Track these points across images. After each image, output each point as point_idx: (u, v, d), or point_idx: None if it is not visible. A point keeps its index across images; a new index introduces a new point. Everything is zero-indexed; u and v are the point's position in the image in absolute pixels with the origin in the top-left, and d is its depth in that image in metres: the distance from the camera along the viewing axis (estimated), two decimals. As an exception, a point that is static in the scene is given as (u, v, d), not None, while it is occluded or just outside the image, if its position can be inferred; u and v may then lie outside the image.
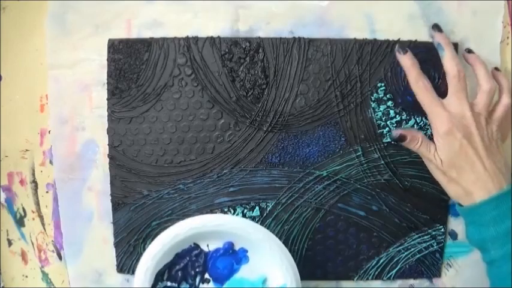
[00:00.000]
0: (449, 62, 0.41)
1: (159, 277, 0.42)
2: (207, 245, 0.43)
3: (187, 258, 0.43)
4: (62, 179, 0.48)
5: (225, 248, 0.42)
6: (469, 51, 0.43)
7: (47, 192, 0.50)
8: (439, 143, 0.40)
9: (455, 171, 0.39)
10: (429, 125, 0.45)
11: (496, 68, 0.43)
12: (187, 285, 0.43)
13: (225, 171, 0.47)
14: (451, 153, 0.39)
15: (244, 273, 0.43)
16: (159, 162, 0.47)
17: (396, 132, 0.42)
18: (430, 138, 0.41)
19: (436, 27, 0.43)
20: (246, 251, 0.43)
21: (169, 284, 0.42)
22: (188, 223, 0.41)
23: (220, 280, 0.43)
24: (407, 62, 0.42)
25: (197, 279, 0.43)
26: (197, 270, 0.43)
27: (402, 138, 0.42)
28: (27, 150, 0.50)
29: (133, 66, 0.46)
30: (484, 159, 0.39)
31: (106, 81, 0.46)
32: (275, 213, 0.47)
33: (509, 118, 0.42)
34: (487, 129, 0.40)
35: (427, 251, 0.47)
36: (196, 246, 0.43)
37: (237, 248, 0.43)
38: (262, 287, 0.42)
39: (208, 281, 0.43)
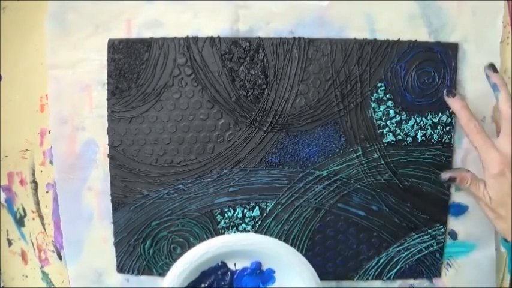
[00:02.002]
0: (504, 103, 0.40)
1: None
2: (234, 264, 0.42)
3: (213, 277, 0.42)
4: (62, 179, 0.48)
5: (253, 268, 0.42)
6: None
7: (47, 192, 0.50)
8: (490, 182, 0.40)
9: (504, 209, 0.39)
10: (429, 125, 0.46)
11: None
12: None
13: (225, 171, 0.47)
14: (501, 192, 0.39)
15: None
16: (159, 162, 0.47)
17: (445, 176, 0.42)
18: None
19: (492, 67, 0.41)
20: (274, 272, 0.42)
21: None
22: (219, 241, 0.41)
23: None
24: (457, 105, 0.41)
25: None
26: None
27: (452, 179, 0.42)
28: (27, 150, 0.50)
29: (133, 66, 0.46)
30: None
31: (106, 81, 0.46)
32: (275, 213, 0.47)
33: None
34: None
35: (427, 251, 0.47)
36: (224, 264, 0.42)
37: (264, 268, 0.42)
38: None
39: None
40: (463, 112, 0.41)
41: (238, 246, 0.41)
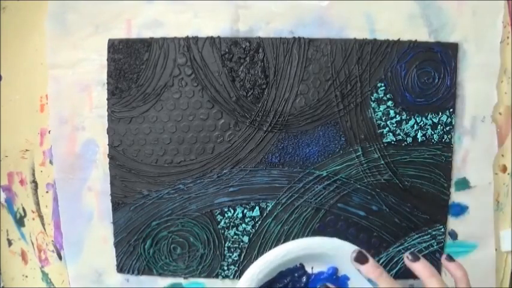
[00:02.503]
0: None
1: None
2: (312, 267, 0.42)
3: (290, 278, 0.42)
4: (62, 179, 0.48)
5: (329, 273, 0.42)
6: (450, 258, 0.38)
7: (47, 192, 0.50)
8: None
9: None
10: (429, 125, 0.46)
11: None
12: None
13: (225, 171, 0.47)
14: None
15: None
16: (159, 162, 0.47)
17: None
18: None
19: (413, 256, 0.37)
20: (348, 279, 0.42)
21: None
22: (303, 243, 0.41)
23: None
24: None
25: None
26: None
27: None
28: (27, 150, 0.50)
29: (133, 66, 0.46)
30: None
31: (106, 81, 0.46)
32: (275, 213, 0.47)
33: None
34: None
35: (427, 251, 0.47)
36: (302, 266, 0.42)
37: (340, 274, 0.42)
38: None
39: None
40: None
41: (321, 249, 0.41)
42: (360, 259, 0.37)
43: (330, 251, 0.41)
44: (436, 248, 0.47)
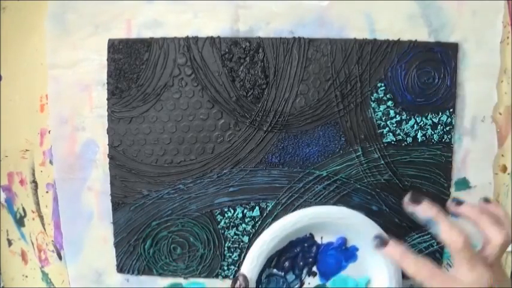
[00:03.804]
0: (447, 233, 0.34)
1: (267, 263, 0.41)
2: (321, 238, 0.42)
3: (299, 248, 0.42)
4: (62, 179, 0.48)
5: (338, 244, 0.42)
6: (458, 202, 0.37)
7: (47, 192, 0.50)
8: None
9: None
10: (429, 124, 0.46)
11: (486, 199, 0.38)
12: (293, 276, 0.42)
13: (225, 171, 0.47)
14: None
15: (350, 272, 0.42)
16: (159, 162, 0.47)
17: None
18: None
19: (412, 199, 0.37)
20: (357, 250, 0.42)
21: (275, 271, 0.42)
22: (312, 211, 0.41)
23: (327, 275, 0.42)
24: (395, 252, 0.35)
25: (304, 271, 0.42)
26: (307, 261, 0.42)
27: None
28: (27, 150, 0.50)
29: (133, 66, 0.46)
30: None
31: (106, 81, 0.46)
32: (275, 213, 0.47)
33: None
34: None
35: (427, 251, 0.47)
36: (311, 236, 0.42)
37: (349, 245, 0.42)
38: None
39: (315, 275, 0.42)
40: (406, 258, 0.34)
41: (330, 218, 0.41)
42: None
43: (338, 220, 0.41)
44: (436, 248, 0.47)
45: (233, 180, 0.47)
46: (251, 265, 0.40)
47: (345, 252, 0.43)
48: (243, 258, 0.40)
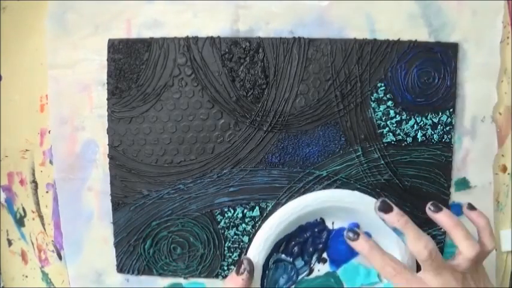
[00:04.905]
0: (412, 244, 0.36)
1: (275, 248, 0.39)
2: (332, 223, 0.40)
3: (309, 233, 0.40)
4: (62, 179, 0.48)
5: (351, 229, 0.39)
6: (471, 207, 0.39)
7: (47, 192, 0.50)
8: None
9: None
10: (429, 124, 0.46)
11: (471, 206, 0.39)
12: (303, 262, 0.40)
13: (225, 171, 0.47)
14: None
15: (361, 259, 0.40)
16: (159, 162, 0.47)
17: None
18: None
19: (381, 208, 0.37)
20: (370, 236, 0.40)
21: (283, 256, 0.40)
22: (323, 194, 0.39)
23: (337, 262, 0.40)
24: (364, 246, 0.36)
25: (314, 258, 0.40)
26: (317, 247, 0.40)
27: None
28: (27, 150, 0.50)
29: (133, 66, 0.46)
30: None
31: (106, 81, 0.46)
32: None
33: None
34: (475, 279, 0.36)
35: (427, 251, 0.47)
36: (322, 221, 0.40)
37: (361, 231, 0.40)
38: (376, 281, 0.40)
39: (324, 261, 0.40)
40: (373, 253, 0.35)
41: (341, 202, 0.39)
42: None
43: (350, 205, 0.39)
44: (436, 248, 0.47)
45: (233, 180, 0.47)
46: (257, 249, 0.38)
47: None
48: (250, 243, 0.39)
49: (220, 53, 0.46)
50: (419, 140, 0.46)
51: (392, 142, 0.46)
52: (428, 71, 0.45)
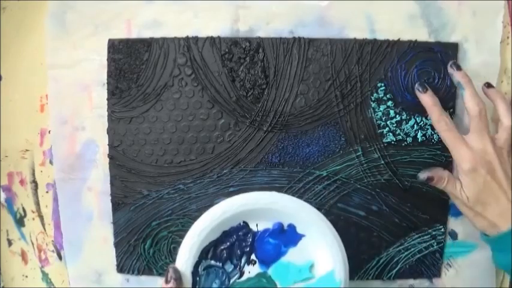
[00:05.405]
0: (470, 101, 0.41)
1: (203, 255, 0.40)
2: (256, 225, 0.41)
3: (235, 237, 0.41)
4: (62, 179, 0.48)
5: (275, 229, 0.41)
6: (489, 85, 0.43)
7: (47, 192, 0.50)
8: (464, 180, 0.40)
9: (481, 206, 0.40)
10: (429, 124, 0.46)
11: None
12: (232, 266, 0.41)
13: (225, 171, 0.47)
14: (476, 189, 0.40)
15: (291, 257, 0.41)
16: (159, 162, 0.47)
17: (423, 176, 0.43)
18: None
19: (455, 65, 0.43)
20: (295, 228, 0.41)
21: (213, 262, 0.41)
22: (240, 199, 0.40)
23: (267, 263, 0.41)
24: (428, 101, 0.42)
25: (243, 260, 0.41)
26: (244, 250, 0.41)
27: (429, 179, 0.43)
28: (27, 150, 0.50)
29: (133, 66, 0.46)
30: (508, 193, 0.39)
31: (106, 81, 0.46)
32: (275, 213, 0.47)
33: None
34: (510, 162, 0.40)
35: (427, 251, 0.47)
36: (246, 225, 0.41)
37: (285, 227, 0.41)
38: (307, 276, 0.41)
39: (254, 263, 0.41)
40: (433, 109, 0.41)
41: (260, 205, 0.40)
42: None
43: (271, 205, 0.40)
44: (436, 248, 0.47)
45: (233, 180, 0.47)
46: (184, 257, 0.39)
47: (283, 237, 0.41)
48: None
49: (220, 53, 0.46)
50: (420, 140, 0.46)
51: (393, 142, 0.46)
52: (428, 71, 0.45)
